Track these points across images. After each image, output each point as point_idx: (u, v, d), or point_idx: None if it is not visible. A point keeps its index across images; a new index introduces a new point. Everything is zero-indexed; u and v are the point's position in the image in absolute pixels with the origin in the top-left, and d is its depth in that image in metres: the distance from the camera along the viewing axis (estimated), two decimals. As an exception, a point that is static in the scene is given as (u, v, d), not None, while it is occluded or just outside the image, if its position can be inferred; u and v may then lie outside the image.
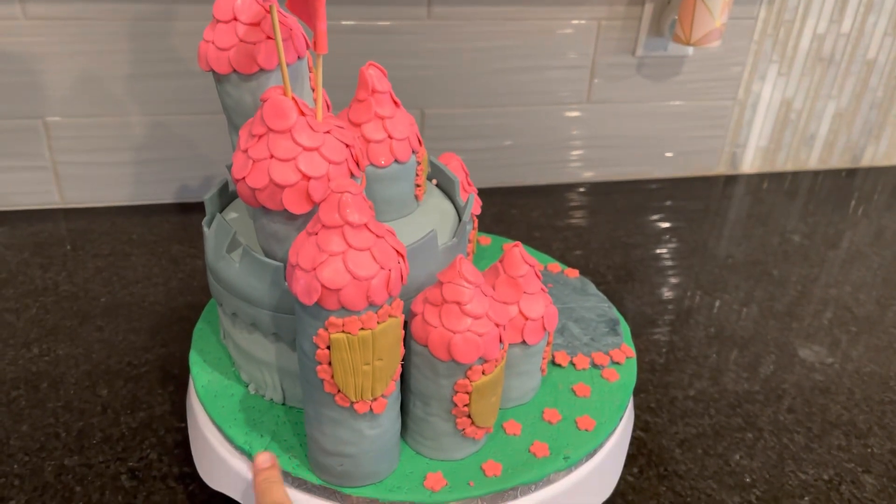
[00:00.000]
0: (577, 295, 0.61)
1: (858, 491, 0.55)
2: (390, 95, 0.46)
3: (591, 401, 0.51)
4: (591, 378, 0.53)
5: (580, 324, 0.58)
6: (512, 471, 0.45)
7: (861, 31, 0.96)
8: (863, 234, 0.91)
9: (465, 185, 0.55)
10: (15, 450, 0.54)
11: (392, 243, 0.39)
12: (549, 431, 0.48)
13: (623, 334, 0.57)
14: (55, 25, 0.74)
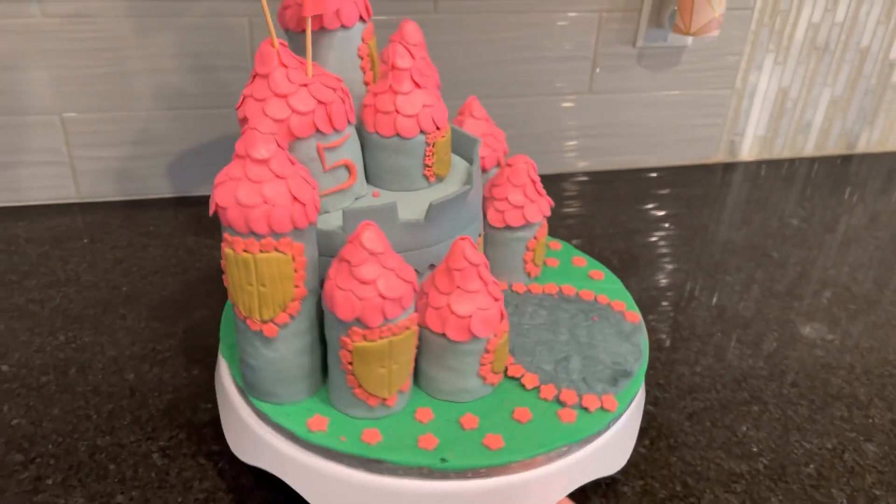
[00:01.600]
0: (613, 337, 0.56)
1: (861, 458, 0.58)
2: (410, 74, 0.48)
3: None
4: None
5: (587, 361, 0.53)
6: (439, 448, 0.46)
7: (855, 19, 0.98)
8: (859, 217, 0.93)
9: (535, 193, 0.58)
10: (48, 431, 0.56)
11: (292, 182, 0.42)
12: (516, 429, 0.48)
13: (624, 388, 0.51)
14: (72, 22, 0.76)
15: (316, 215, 0.44)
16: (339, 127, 0.47)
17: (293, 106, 0.45)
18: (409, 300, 0.45)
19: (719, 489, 0.54)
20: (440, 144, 0.52)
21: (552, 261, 0.65)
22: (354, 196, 0.51)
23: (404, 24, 0.56)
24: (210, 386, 0.61)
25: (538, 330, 0.56)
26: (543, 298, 0.60)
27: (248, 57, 0.81)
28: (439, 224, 0.49)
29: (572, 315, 0.58)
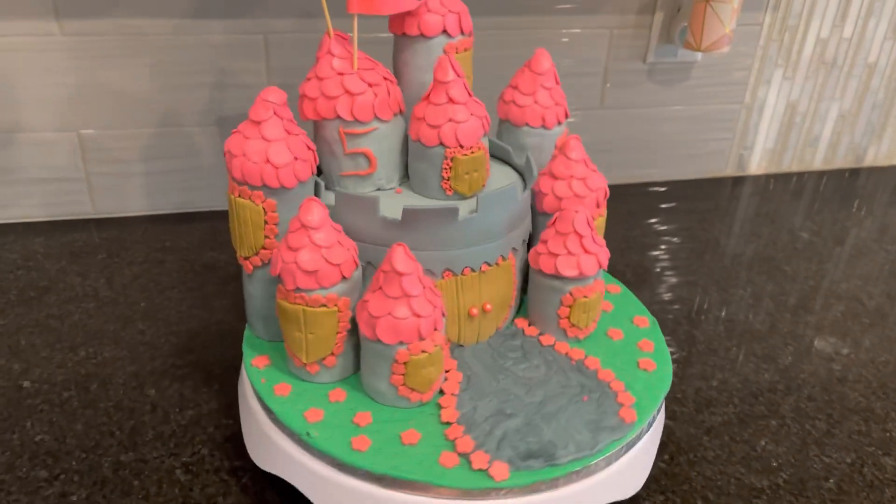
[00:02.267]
0: (581, 424, 0.49)
1: (880, 472, 0.58)
2: (447, 89, 0.50)
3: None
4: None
5: (525, 429, 0.49)
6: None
7: (862, 35, 0.99)
8: (868, 230, 0.94)
9: (580, 247, 0.54)
10: (72, 447, 0.56)
11: (274, 146, 0.49)
12: (399, 450, 0.48)
13: (526, 468, 0.46)
14: (90, 41, 0.77)
15: (291, 181, 0.49)
16: (361, 118, 0.51)
17: (323, 89, 0.51)
18: (328, 279, 0.48)
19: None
20: (461, 161, 0.52)
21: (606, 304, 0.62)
22: (375, 185, 0.55)
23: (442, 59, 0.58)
24: (230, 401, 0.61)
25: (516, 381, 0.53)
26: (558, 358, 0.56)
27: (264, 73, 0.82)
28: (418, 230, 0.50)
29: (565, 385, 0.53)
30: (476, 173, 0.52)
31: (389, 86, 0.53)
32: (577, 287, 0.55)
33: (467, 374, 0.53)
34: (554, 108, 0.59)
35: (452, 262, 0.52)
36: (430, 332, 0.48)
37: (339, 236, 0.49)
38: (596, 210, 0.58)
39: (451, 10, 0.55)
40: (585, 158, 0.57)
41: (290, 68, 0.83)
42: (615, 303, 0.62)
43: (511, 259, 0.55)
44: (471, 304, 0.54)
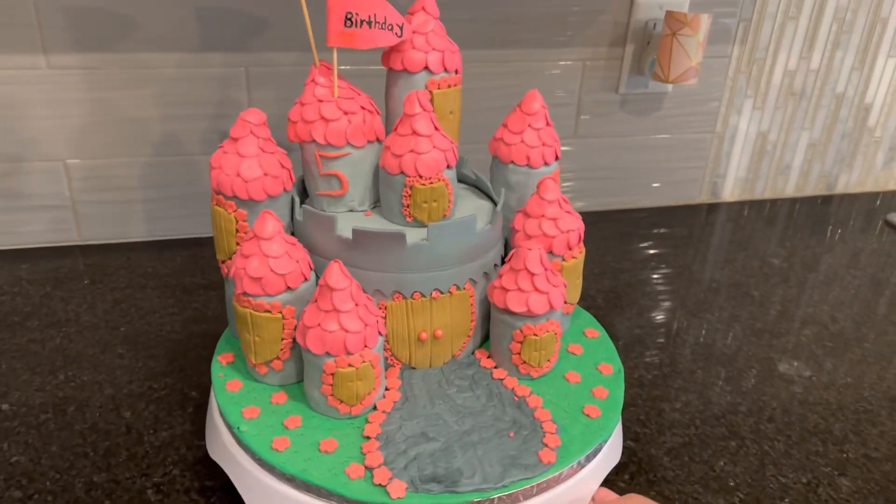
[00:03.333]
0: (495, 459, 0.50)
1: (835, 492, 0.60)
2: (412, 122, 0.53)
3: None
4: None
5: (441, 454, 0.50)
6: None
7: (829, 66, 1.02)
8: (839, 257, 0.96)
9: (531, 286, 0.54)
10: (46, 468, 0.58)
11: (246, 162, 0.53)
12: (315, 454, 0.51)
13: (424, 490, 0.47)
14: (75, 74, 0.80)
15: (260, 194, 0.53)
16: (334, 142, 0.55)
17: (303, 114, 0.55)
18: (273, 287, 0.51)
19: (697, 523, 0.56)
20: (419, 190, 0.54)
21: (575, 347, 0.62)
22: (347, 206, 0.58)
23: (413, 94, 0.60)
24: (203, 423, 0.62)
25: (451, 408, 0.54)
26: (502, 392, 0.56)
27: (245, 104, 0.85)
28: (368, 251, 0.53)
29: (497, 419, 0.53)
30: (435, 203, 0.54)
31: (366, 115, 0.56)
32: (527, 324, 0.55)
33: (407, 394, 0.55)
34: (541, 147, 0.60)
35: (402, 285, 0.54)
36: (358, 348, 0.50)
37: (290, 248, 0.51)
38: (567, 251, 0.59)
39: (436, 49, 0.57)
40: (560, 199, 0.58)
41: (281, 100, 0.86)
42: (588, 347, 0.62)
43: (469, 289, 0.57)
44: (421, 329, 0.56)
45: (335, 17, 0.52)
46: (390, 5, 0.53)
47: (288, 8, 0.81)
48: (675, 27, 0.87)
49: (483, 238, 0.56)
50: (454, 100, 0.59)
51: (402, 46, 0.57)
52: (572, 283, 0.60)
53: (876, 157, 1.12)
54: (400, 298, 0.54)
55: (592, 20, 0.91)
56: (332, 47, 0.54)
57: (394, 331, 0.56)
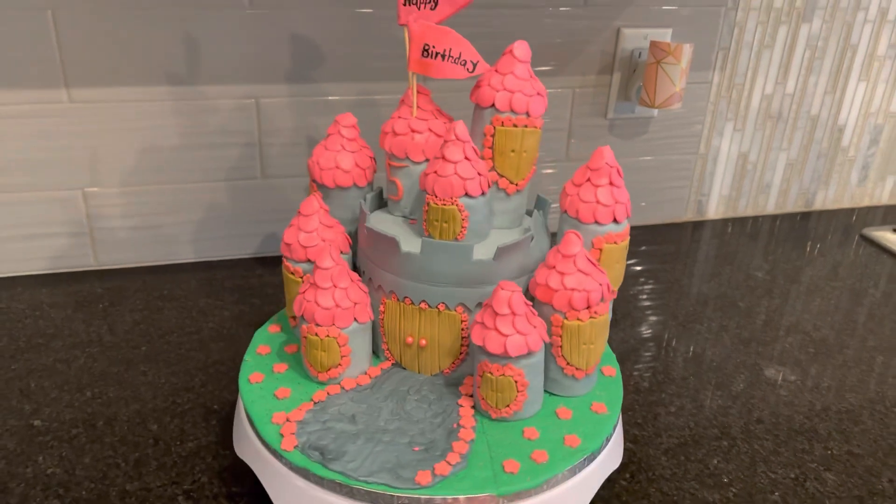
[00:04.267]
0: (404, 458, 0.52)
1: (822, 486, 0.64)
2: (444, 147, 0.57)
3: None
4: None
5: (369, 445, 0.53)
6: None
7: (804, 90, 1.08)
8: (819, 269, 1.01)
9: (493, 330, 0.55)
10: (81, 478, 0.61)
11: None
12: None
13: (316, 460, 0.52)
14: (95, 107, 0.84)
15: (331, 182, 0.64)
16: (397, 153, 0.62)
17: (392, 125, 0.62)
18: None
19: (694, 516, 0.60)
20: (433, 209, 0.58)
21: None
22: (402, 211, 0.65)
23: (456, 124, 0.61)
24: (227, 434, 0.66)
25: (395, 411, 0.57)
26: (448, 415, 0.57)
27: (255, 133, 0.89)
28: (376, 248, 0.59)
29: (421, 433, 0.55)
30: (446, 224, 0.58)
31: (431, 136, 0.61)
32: (485, 361, 0.55)
33: (375, 385, 0.60)
34: (593, 204, 0.59)
35: (396, 287, 0.59)
36: (326, 322, 0.57)
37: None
38: (573, 312, 0.56)
39: (507, 89, 0.59)
40: (581, 255, 0.55)
41: (293, 129, 0.90)
42: (578, 414, 0.59)
43: (460, 312, 0.58)
44: (408, 333, 0.60)
45: (415, 48, 0.59)
46: (469, 44, 0.57)
47: (293, 45, 0.86)
48: (659, 56, 0.92)
49: (479, 269, 0.57)
50: (518, 140, 0.60)
51: (480, 82, 0.60)
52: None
53: (850, 175, 1.18)
54: (395, 299, 0.59)
55: (581, 50, 0.97)
56: (412, 73, 0.60)
57: (388, 328, 0.61)
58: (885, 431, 0.71)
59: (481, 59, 0.58)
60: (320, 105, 0.90)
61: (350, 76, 0.90)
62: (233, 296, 0.88)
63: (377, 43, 0.89)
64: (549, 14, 0.93)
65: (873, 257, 1.05)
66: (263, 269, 0.94)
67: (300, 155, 0.92)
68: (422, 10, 0.58)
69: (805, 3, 1.02)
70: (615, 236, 0.60)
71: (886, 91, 1.13)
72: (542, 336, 0.55)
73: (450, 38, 0.57)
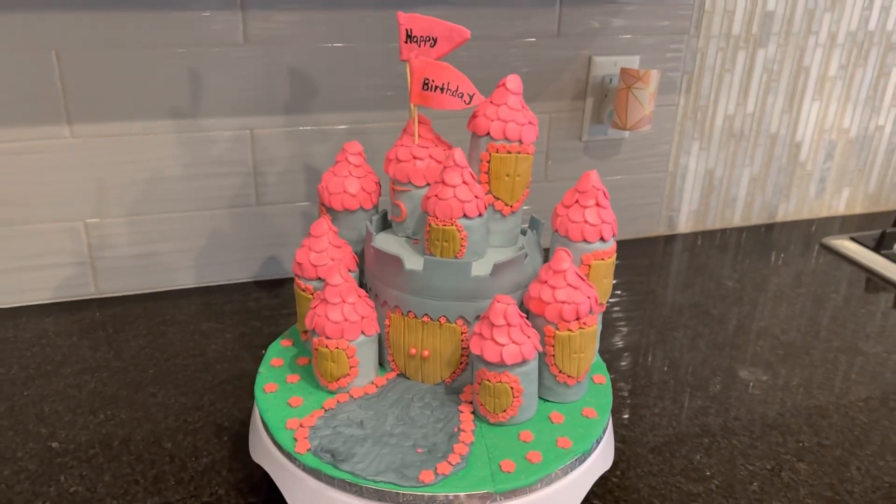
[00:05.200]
0: (408, 459, 0.57)
1: (795, 475, 0.69)
2: (444, 172, 0.61)
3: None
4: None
5: (378, 447, 0.57)
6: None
7: (763, 110, 1.16)
8: (783, 277, 1.08)
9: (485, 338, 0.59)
10: (103, 495, 0.64)
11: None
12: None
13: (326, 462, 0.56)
14: (96, 142, 0.87)
15: (339, 205, 0.69)
16: (400, 178, 0.66)
17: (396, 153, 0.67)
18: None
19: (681, 507, 0.65)
20: (434, 229, 0.63)
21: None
22: (405, 232, 0.69)
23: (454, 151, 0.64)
24: (239, 448, 0.70)
25: (400, 417, 0.61)
26: (449, 420, 0.61)
27: (249, 163, 0.94)
28: (380, 265, 0.64)
29: (423, 437, 0.59)
30: (446, 243, 0.63)
31: (431, 162, 0.66)
32: (483, 368, 0.59)
33: (381, 393, 0.64)
34: (581, 224, 0.64)
35: (401, 302, 0.63)
36: (335, 335, 0.61)
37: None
38: (563, 323, 0.60)
39: (501, 119, 0.63)
40: (570, 271, 0.60)
41: (274, 158, 0.94)
42: (570, 418, 0.63)
43: (460, 325, 0.63)
44: (412, 345, 0.65)
45: (416, 81, 0.64)
46: (465, 77, 0.62)
47: (285, 78, 0.91)
48: (629, 81, 0.99)
49: (477, 284, 0.61)
50: (512, 165, 0.64)
51: (476, 112, 0.65)
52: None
53: (809, 188, 1.26)
54: (399, 313, 0.63)
55: (556, 77, 1.03)
56: (413, 105, 0.65)
57: (393, 340, 0.65)
58: (851, 424, 0.77)
59: (477, 92, 0.63)
60: (313, 134, 0.95)
61: (340, 107, 0.94)
62: (233, 318, 0.92)
63: (365, 74, 0.94)
64: (526, 45, 0.99)
65: (833, 265, 1.12)
66: (261, 292, 0.98)
67: (294, 182, 0.97)
68: (422, 47, 0.63)
69: (760, 29, 1.10)
70: (602, 253, 0.65)
71: (838, 109, 1.21)
72: (535, 345, 0.59)
73: (448, 73, 0.62)
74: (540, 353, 0.62)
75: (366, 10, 0.91)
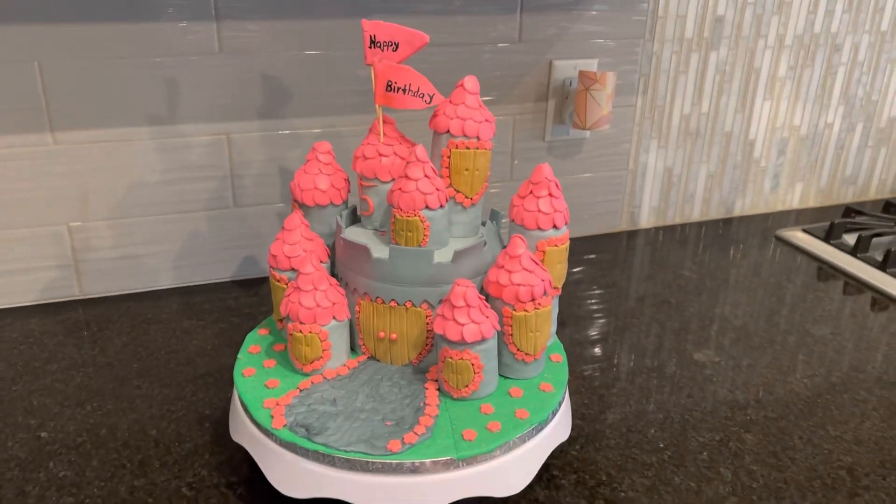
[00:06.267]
0: (377, 430, 0.61)
1: (742, 445, 0.75)
2: (407, 167, 0.66)
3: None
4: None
5: (330, 416, 0.62)
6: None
7: (717, 109, 1.22)
8: (740, 268, 1.14)
9: (452, 319, 0.63)
10: (91, 478, 0.68)
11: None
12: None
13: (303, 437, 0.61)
14: (78, 148, 0.91)
15: (311, 200, 0.73)
16: (367, 174, 0.71)
17: (363, 150, 0.71)
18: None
19: (636, 476, 0.70)
20: (398, 220, 0.67)
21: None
22: (373, 225, 0.73)
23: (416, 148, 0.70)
24: (220, 434, 0.73)
25: (371, 395, 0.65)
26: (416, 396, 0.65)
27: (226, 167, 0.98)
28: (349, 255, 0.68)
29: (392, 411, 0.63)
30: (410, 234, 0.67)
31: (396, 159, 0.71)
32: (446, 347, 0.64)
33: (353, 374, 0.68)
34: (535, 213, 0.69)
35: (370, 289, 0.68)
36: (308, 320, 0.65)
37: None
38: (520, 304, 0.65)
39: (459, 117, 0.68)
40: (525, 255, 0.64)
41: (250, 162, 0.99)
42: (528, 393, 0.67)
43: (425, 309, 0.67)
44: (380, 329, 0.69)
45: (380, 84, 0.69)
46: (425, 79, 0.67)
47: (260, 85, 0.95)
48: (587, 83, 1.04)
49: (439, 270, 0.66)
50: (471, 160, 0.69)
51: (436, 111, 0.69)
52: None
53: (763, 183, 1.32)
54: (368, 300, 0.68)
55: (519, 81, 1.08)
56: (378, 105, 0.70)
57: (363, 325, 0.70)
58: (796, 398, 0.82)
59: (437, 92, 0.68)
60: (287, 138, 0.99)
61: (312, 111, 0.99)
62: (212, 316, 0.96)
63: (336, 80, 0.99)
64: (489, 50, 1.04)
65: (786, 255, 1.18)
66: (239, 290, 1.02)
67: (269, 185, 1.01)
68: (385, 51, 0.68)
69: (712, 33, 1.16)
70: (556, 240, 0.70)
71: (788, 108, 1.27)
72: (493, 325, 0.64)
73: (409, 75, 0.67)
74: (499, 333, 0.66)
75: (335, 20, 0.96)
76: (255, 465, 0.69)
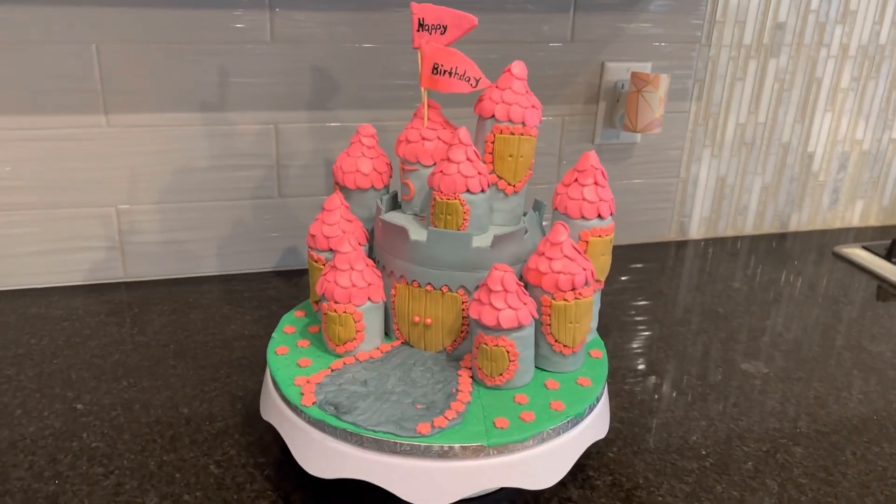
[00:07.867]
0: (407, 413, 0.60)
1: (790, 458, 0.71)
2: (450, 150, 0.65)
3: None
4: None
5: (377, 403, 0.60)
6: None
7: (774, 119, 1.18)
8: (792, 282, 1.09)
9: (490, 306, 0.62)
10: (122, 451, 0.68)
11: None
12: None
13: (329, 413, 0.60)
14: (130, 132, 0.93)
15: (352, 183, 0.73)
16: (409, 158, 0.70)
17: (406, 135, 0.71)
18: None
19: (675, 481, 0.67)
20: (438, 203, 0.66)
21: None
22: (413, 210, 0.72)
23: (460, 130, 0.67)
24: (251, 416, 0.73)
25: (402, 378, 0.64)
26: (448, 382, 0.64)
27: (273, 156, 0.98)
28: (388, 237, 0.67)
29: (423, 395, 0.62)
30: (450, 217, 0.66)
31: (439, 143, 0.70)
32: (481, 333, 0.62)
33: (386, 357, 0.67)
34: (580, 201, 0.67)
35: (406, 272, 0.66)
36: (343, 300, 0.64)
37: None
38: (559, 293, 0.63)
39: (505, 102, 0.67)
40: (567, 243, 0.63)
41: (297, 152, 0.99)
42: (565, 386, 0.65)
43: (461, 295, 0.66)
44: (415, 313, 0.68)
45: (426, 66, 0.68)
46: (472, 62, 0.66)
47: (310, 76, 0.96)
48: (639, 85, 1.02)
49: (477, 255, 0.64)
50: (515, 146, 0.67)
51: (482, 96, 0.69)
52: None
53: (822, 198, 1.27)
54: (404, 283, 0.67)
55: (569, 81, 1.06)
56: (423, 89, 0.69)
57: (398, 309, 0.68)
58: (850, 414, 0.78)
59: (483, 76, 0.67)
60: (334, 130, 0.99)
61: (360, 104, 0.99)
62: (252, 303, 0.96)
63: (386, 74, 0.99)
64: (541, 49, 1.03)
65: (844, 272, 1.13)
66: (279, 280, 1.02)
67: (315, 176, 1.01)
68: (433, 34, 0.67)
69: (772, 39, 1.13)
70: (600, 230, 0.68)
71: (851, 121, 1.23)
72: (531, 312, 0.62)
73: (456, 58, 0.66)
74: (537, 323, 0.64)
75: (386, 12, 0.96)
76: (284, 448, 0.68)
